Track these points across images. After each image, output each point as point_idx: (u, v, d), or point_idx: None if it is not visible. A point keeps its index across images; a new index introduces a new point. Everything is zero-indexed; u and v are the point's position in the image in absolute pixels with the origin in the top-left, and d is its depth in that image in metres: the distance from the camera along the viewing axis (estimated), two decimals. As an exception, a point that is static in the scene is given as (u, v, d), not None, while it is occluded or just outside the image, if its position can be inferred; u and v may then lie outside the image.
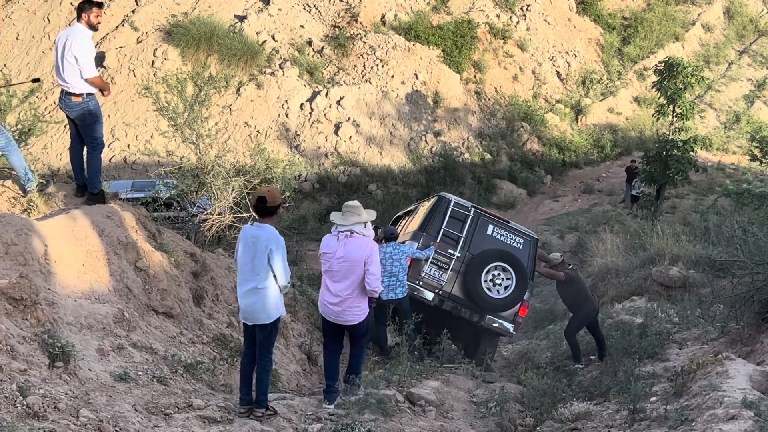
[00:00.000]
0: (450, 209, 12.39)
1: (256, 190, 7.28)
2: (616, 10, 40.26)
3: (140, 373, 6.82)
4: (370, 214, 8.26)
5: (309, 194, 27.92)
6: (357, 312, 7.92)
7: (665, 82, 24.75)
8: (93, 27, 8.66)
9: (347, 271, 7.82)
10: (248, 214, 12.24)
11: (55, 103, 21.78)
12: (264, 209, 7.08)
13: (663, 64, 25.27)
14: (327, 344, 8.31)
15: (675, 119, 25.17)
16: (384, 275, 11.25)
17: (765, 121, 35.02)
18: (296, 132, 29.84)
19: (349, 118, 30.43)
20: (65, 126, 8.95)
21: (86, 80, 8.56)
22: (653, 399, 7.70)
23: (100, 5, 8.78)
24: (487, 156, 31.69)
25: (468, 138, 32.12)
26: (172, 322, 8.38)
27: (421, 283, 12.06)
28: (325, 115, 30.30)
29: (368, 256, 7.85)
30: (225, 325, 9.32)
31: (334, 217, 8.17)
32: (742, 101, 37.79)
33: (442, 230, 12.21)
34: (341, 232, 7.98)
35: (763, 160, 29.86)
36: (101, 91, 8.84)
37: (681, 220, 23.31)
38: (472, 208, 12.57)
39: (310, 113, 30.25)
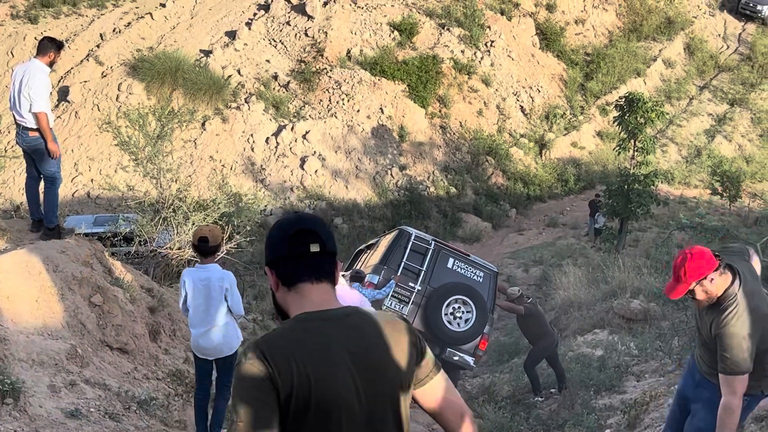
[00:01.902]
0: (411, 242, 12.45)
1: (197, 230, 7.29)
2: (578, 46, 40.82)
3: (92, 409, 6.76)
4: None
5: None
6: None
7: (626, 117, 25.08)
8: (50, 65, 8.70)
9: None
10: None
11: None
12: (206, 249, 7.10)
13: (624, 99, 25.62)
14: None
15: (636, 153, 25.50)
16: None
17: (725, 156, 35.54)
18: (262, 166, 29.84)
19: (314, 152, 30.50)
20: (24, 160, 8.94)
21: (34, 113, 8.53)
22: (608, 431, 7.76)
23: (60, 47, 8.84)
24: (453, 190, 31.86)
25: (433, 172, 32.29)
26: (126, 357, 8.32)
27: None
28: (290, 149, 30.35)
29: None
30: (182, 361, 9.26)
31: None
32: (703, 136, 38.32)
33: (402, 263, 12.27)
34: None
35: (724, 194, 30.33)
36: (44, 141, 8.69)
37: (643, 254, 23.52)
38: (433, 242, 12.66)
39: (276, 147, 30.29)
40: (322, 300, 2.74)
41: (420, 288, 12.22)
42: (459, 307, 12.16)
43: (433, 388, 2.83)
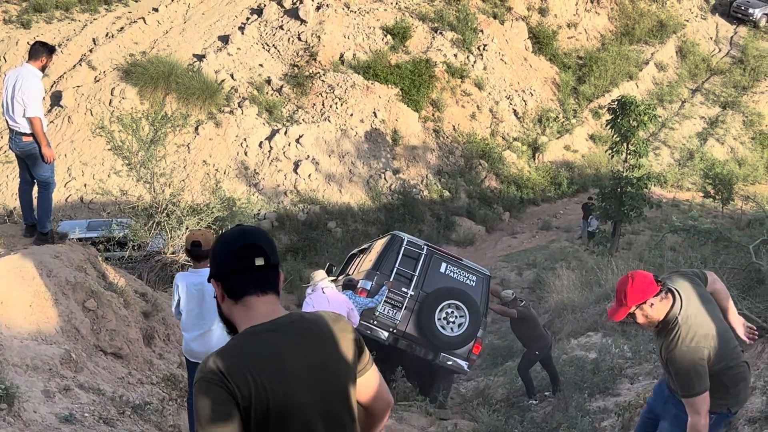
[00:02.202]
0: (403, 248, 12.45)
1: (190, 235, 7.30)
2: (571, 50, 40.92)
3: (86, 414, 6.75)
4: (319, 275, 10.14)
5: (268, 232, 27.82)
6: None
7: (619, 120, 25.14)
8: (42, 69, 8.71)
9: None
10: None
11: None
12: (199, 253, 7.10)
13: (616, 103, 25.68)
14: None
15: (629, 156, 25.56)
16: None
17: (718, 159, 35.65)
18: (255, 170, 29.84)
19: (308, 156, 30.52)
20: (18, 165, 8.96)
21: (28, 118, 8.53)
22: (602, 434, 7.78)
23: (52, 51, 8.85)
24: (446, 193, 31.89)
25: (427, 175, 32.34)
26: (120, 362, 8.32)
27: (375, 323, 12.07)
28: (284, 153, 30.36)
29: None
30: (176, 365, 9.26)
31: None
32: (696, 139, 38.44)
33: (395, 269, 12.26)
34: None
35: (717, 197, 30.40)
36: (38, 146, 8.70)
37: (636, 256, 23.55)
38: (425, 247, 12.65)
39: (269, 151, 30.30)
40: (267, 311, 2.86)
41: (413, 293, 12.22)
42: (452, 312, 12.16)
43: (368, 381, 3.02)
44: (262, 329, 2.80)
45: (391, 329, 12.10)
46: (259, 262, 2.86)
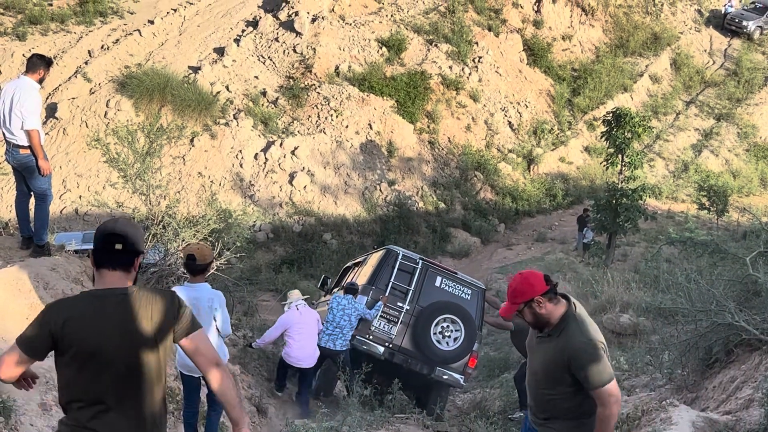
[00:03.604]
0: (398, 262, 12.41)
1: (186, 247, 7.28)
2: (565, 62, 41.04)
3: (83, 427, 6.71)
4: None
5: (263, 244, 27.85)
6: None
7: (613, 132, 25.19)
8: (40, 82, 8.71)
9: None
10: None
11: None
12: (194, 267, 7.07)
13: (611, 115, 25.75)
14: None
15: (624, 168, 25.61)
16: (330, 324, 11.44)
17: (712, 170, 35.76)
18: (250, 182, 29.82)
19: (303, 168, 30.52)
20: (14, 177, 8.94)
21: (26, 131, 8.52)
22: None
23: (50, 63, 8.86)
24: (441, 205, 31.91)
25: (422, 187, 32.36)
26: (117, 375, 8.26)
27: (371, 337, 12.04)
28: (279, 164, 30.36)
29: None
30: (172, 378, 9.21)
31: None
32: (690, 151, 38.55)
33: (390, 283, 12.22)
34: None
35: (711, 209, 30.47)
36: (35, 158, 8.71)
37: (632, 268, 23.57)
38: (420, 260, 12.62)
39: (265, 163, 30.29)
40: (111, 282, 3.92)
41: (408, 307, 12.16)
42: (448, 326, 12.11)
43: (191, 340, 4.03)
44: (97, 293, 3.90)
45: (386, 344, 12.06)
46: (118, 246, 3.91)
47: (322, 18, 36.01)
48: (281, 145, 30.74)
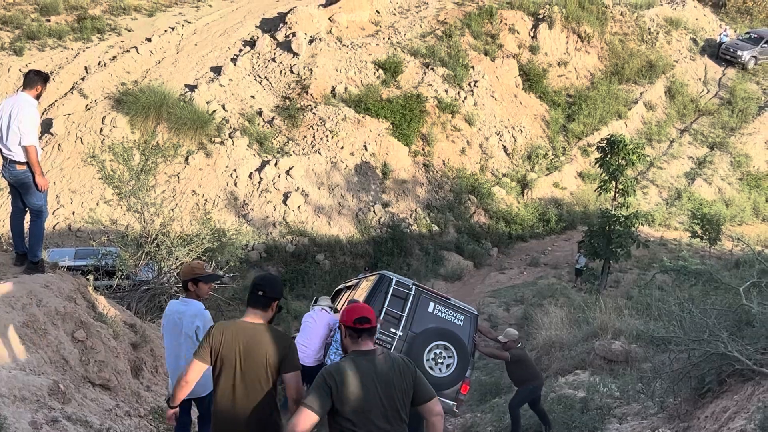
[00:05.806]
0: (392, 288, 12.34)
1: (183, 266, 7.35)
2: (561, 88, 41.23)
3: (73, 447, 6.68)
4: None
5: (256, 263, 27.81)
6: None
7: (607, 159, 25.29)
8: (37, 98, 8.72)
9: None
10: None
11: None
12: (182, 283, 7.14)
13: (605, 141, 25.85)
14: None
15: (617, 195, 25.68)
16: (336, 343, 11.43)
17: (705, 199, 35.87)
18: (244, 201, 29.82)
19: (298, 188, 30.53)
20: (9, 193, 8.91)
21: (23, 147, 8.51)
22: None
23: (47, 79, 8.87)
24: (435, 228, 31.93)
25: (416, 209, 32.38)
26: (108, 394, 8.24)
27: None
28: (274, 184, 30.37)
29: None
30: (164, 398, 9.18)
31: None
32: (684, 178, 38.67)
33: (384, 309, 12.16)
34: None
35: (704, 237, 30.53)
36: (32, 174, 8.70)
37: (624, 295, 23.59)
38: (414, 286, 12.55)
39: (259, 183, 30.30)
40: (249, 317, 5.78)
41: (401, 333, 12.07)
42: (440, 353, 12.03)
43: (287, 378, 5.76)
44: (239, 322, 5.76)
45: None
46: (260, 293, 5.80)
47: (320, 39, 36.17)
48: (276, 164, 30.76)
